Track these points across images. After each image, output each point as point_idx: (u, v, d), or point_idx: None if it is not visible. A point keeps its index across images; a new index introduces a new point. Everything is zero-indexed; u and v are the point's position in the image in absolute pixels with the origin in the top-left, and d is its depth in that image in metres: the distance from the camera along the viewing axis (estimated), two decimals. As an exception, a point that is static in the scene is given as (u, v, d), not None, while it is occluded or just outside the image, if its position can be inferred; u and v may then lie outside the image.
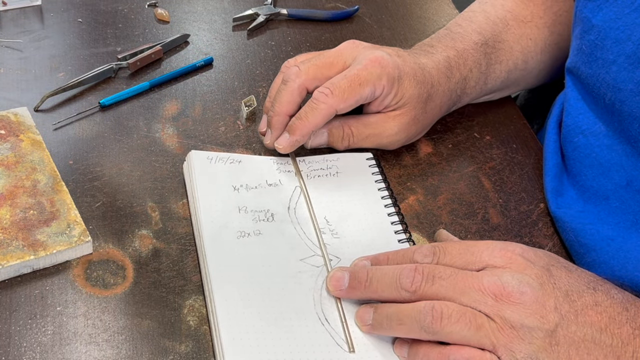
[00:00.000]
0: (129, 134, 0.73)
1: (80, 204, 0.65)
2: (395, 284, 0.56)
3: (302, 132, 0.68)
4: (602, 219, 0.66)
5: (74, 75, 0.78)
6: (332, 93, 0.67)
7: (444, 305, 0.53)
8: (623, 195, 0.65)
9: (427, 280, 0.55)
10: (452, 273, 0.55)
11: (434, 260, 0.57)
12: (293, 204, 0.67)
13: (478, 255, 0.56)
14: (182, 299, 0.60)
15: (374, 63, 0.68)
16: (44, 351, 0.55)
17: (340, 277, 0.59)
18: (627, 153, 0.64)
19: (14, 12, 0.86)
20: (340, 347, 0.57)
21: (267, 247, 0.63)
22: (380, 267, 0.58)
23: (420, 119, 0.72)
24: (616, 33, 0.63)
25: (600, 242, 0.65)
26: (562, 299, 0.53)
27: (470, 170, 0.75)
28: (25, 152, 0.67)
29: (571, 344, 0.52)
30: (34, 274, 0.60)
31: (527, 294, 0.52)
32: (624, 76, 0.62)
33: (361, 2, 0.95)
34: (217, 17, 0.90)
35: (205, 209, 0.64)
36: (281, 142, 0.69)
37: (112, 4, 0.89)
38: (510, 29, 0.78)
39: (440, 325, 0.52)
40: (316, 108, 0.67)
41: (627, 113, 0.62)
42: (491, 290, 0.53)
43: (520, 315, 0.52)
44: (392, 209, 0.68)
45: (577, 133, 0.69)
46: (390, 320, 0.56)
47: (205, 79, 0.81)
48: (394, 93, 0.69)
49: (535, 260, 0.55)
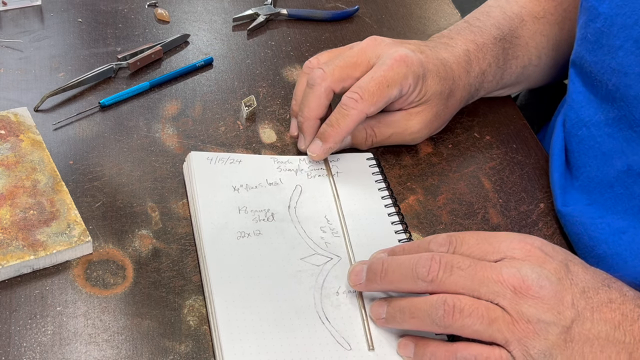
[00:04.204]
0: (129, 134, 0.73)
1: (80, 204, 0.65)
2: (412, 273, 0.54)
3: (334, 139, 0.68)
4: (609, 208, 0.66)
5: (74, 75, 0.78)
6: (362, 98, 0.67)
7: (457, 298, 0.52)
8: (626, 181, 0.65)
9: (445, 269, 0.54)
10: (470, 263, 0.54)
11: (450, 249, 0.56)
12: (293, 203, 0.67)
13: (496, 246, 0.55)
14: (182, 299, 0.60)
15: (399, 62, 0.68)
16: (44, 351, 0.55)
17: (359, 270, 0.59)
18: (628, 138, 0.65)
19: (14, 12, 0.86)
20: (340, 346, 0.57)
21: (267, 246, 0.63)
22: (396, 258, 0.57)
23: (442, 114, 0.73)
24: (623, 19, 0.64)
25: (612, 236, 0.65)
26: (579, 295, 0.53)
27: (470, 170, 0.75)
28: (25, 152, 0.67)
29: (585, 340, 0.52)
30: (34, 274, 0.60)
31: (546, 288, 0.52)
32: (631, 60, 0.63)
33: (361, 2, 0.95)
34: (217, 17, 0.90)
35: (205, 211, 0.64)
36: (314, 150, 0.69)
37: (112, 4, 0.89)
38: (526, 25, 0.79)
39: (452, 319, 0.52)
40: (347, 115, 0.67)
41: (632, 97, 0.63)
42: (510, 282, 0.52)
43: (537, 309, 0.51)
44: (392, 208, 0.68)
45: (581, 126, 0.70)
46: (403, 313, 0.55)
47: (205, 79, 0.81)
48: (419, 90, 0.69)
49: (554, 255, 0.54)
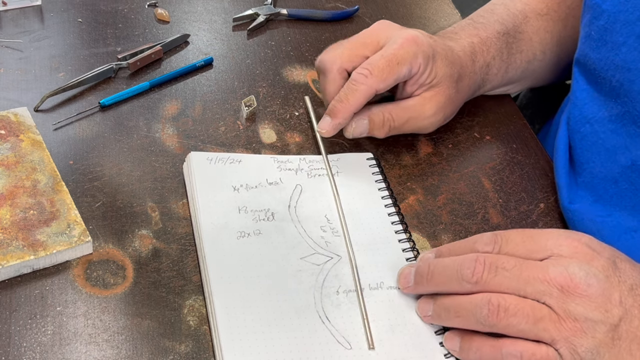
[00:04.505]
0: (129, 134, 0.73)
1: (80, 204, 0.65)
2: (457, 275, 0.55)
3: (344, 114, 0.68)
4: (615, 205, 0.66)
5: (74, 75, 0.78)
6: (371, 73, 0.67)
7: (501, 297, 0.52)
8: (630, 176, 0.65)
9: (489, 270, 0.53)
10: (515, 263, 0.53)
11: (496, 248, 0.56)
12: (294, 202, 0.67)
13: (542, 244, 0.54)
14: (182, 299, 0.60)
15: (409, 42, 0.68)
16: (44, 351, 0.55)
17: (407, 273, 0.59)
18: (631, 134, 0.65)
19: (14, 12, 0.86)
20: (340, 345, 0.57)
21: (267, 246, 0.63)
22: (442, 260, 0.57)
23: (454, 99, 0.74)
24: (626, 15, 0.64)
25: (624, 235, 0.65)
26: (626, 293, 0.52)
27: (470, 170, 0.75)
28: (26, 152, 0.67)
29: (633, 339, 0.52)
30: (34, 274, 0.60)
31: (594, 286, 0.52)
32: (634, 56, 0.63)
33: (361, 2, 0.95)
34: (217, 17, 0.90)
35: (205, 211, 0.64)
36: (324, 127, 0.69)
37: (112, 4, 0.89)
38: (529, 21, 0.80)
39: (497, 318, 0.52)
40: (356, 89, 0.67)
41: (636, 92, 0.63)
42: (557, 281, 0.52)
43: (585, 308, 0.51)
44: (392, 208, 0.68)
45: (584, 122, 0.70)
46: (448, 312, 0.55)
47: (205, 79, 0.81)
48: (429, 71, 0.70)
49: (601, 251, 0.54)
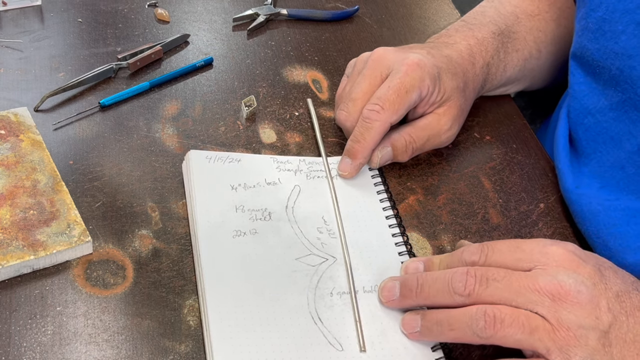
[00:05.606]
0: (129, 134, 0.73)
1: (80, 204, 0.65)
2: (448, 288, 0.54)
3: (363, 154, 0.68)
4: (623, 189, 0.67)
5: (74, 75, 0.78)
6: (383, 108, 0.67)
7: (496, 309, 0.52)
8: (637, 161, 0.66)
9: (480, 282, 0.53)
10: (505, 274, 0.53)
11: (482, 257, 0.56)
12: (291, 203, 0.67)
13: (529, 253, 0.55)
14: (182, 299, 0.60)
15: (413, 67, 0.68)
16: (44, 351, 0.55)
17: (391, 287, 0.59)
18: (634, 120, 0.65)
19: (14, 12, 0.86)
20: (332, 347, 0.57)
21: (263, 246, 0.63)
22: (431, 273, 0.57)
23: (464, 107, 0.74)
24: (625, 4, 0.65)
25: (633, 218, 0.65)
26: (613, 300, 0.53)
27: (470, 170, 0.75)
28: (25, 152, 0.67)
29: (623, 344, 0.52)
30: (34, 274, 0.60)
31: (583, 293, 0.52)
32: (634, 43, 0.64)
33: (361, 2, 0.95)
34: (217, 17, 0.90)
35: (202, 209, 0.64)
36: (345, 169, 0.69)
37: (112, 4, 0.89)
38: (521, 22, 0.81)
39: (494, 330, 0.51)
40: (371, 127, 0.67)
41: (637, 77, 0.64)
42: (548, 290, 0.52)
43: (577, 315, 0.51)
44: (390, 211, 0.68)
45: (586, 114, 0.71)
46: (440, 326, 0.55)
47: (205, 79, 0.81)
48: (438, 90, 0.70)
49: (587, 259, 0.54)
